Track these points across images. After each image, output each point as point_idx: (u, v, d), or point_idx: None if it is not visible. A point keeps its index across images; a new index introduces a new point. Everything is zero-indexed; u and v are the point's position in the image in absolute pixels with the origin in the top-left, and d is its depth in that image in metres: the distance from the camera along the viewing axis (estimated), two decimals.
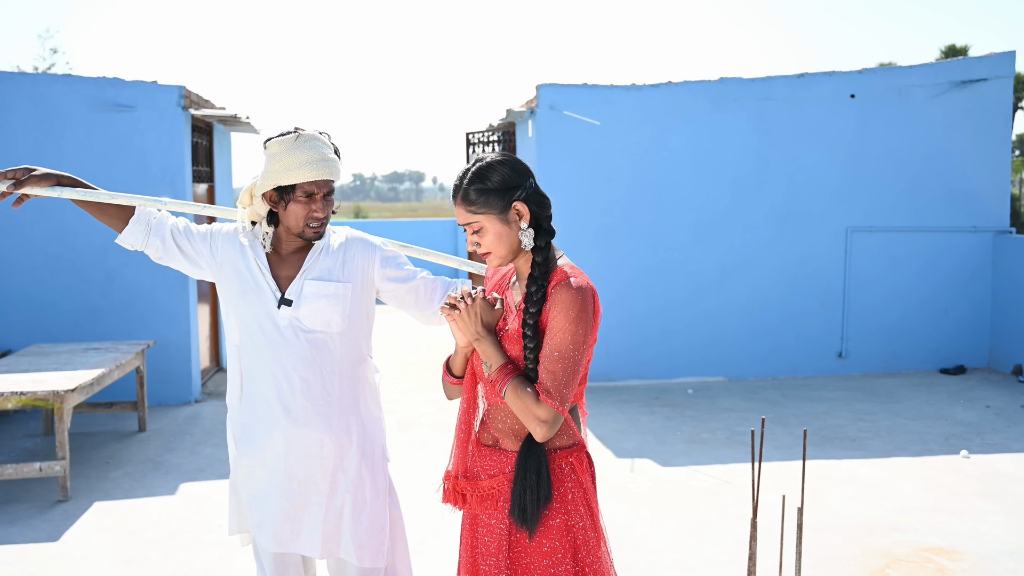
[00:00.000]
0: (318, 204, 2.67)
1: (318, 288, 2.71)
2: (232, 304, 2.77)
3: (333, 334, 2.74)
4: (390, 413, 7.23)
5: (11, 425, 7.11)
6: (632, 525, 4.87)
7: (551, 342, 2.10)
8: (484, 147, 10.05)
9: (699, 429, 6.84)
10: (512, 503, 2.15)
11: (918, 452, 6.19)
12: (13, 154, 7.49)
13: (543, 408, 2.09)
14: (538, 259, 2.17)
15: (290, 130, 2.68)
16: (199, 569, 4.40)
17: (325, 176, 2.66)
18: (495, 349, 2.18)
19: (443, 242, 17.15)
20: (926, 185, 8.76)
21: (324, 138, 2.71)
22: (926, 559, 4.39)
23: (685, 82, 8.49)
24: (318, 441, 2.73)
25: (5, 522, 5.04)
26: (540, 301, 2.13)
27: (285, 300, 2.71)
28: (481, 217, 2.19)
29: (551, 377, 2.09)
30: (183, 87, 7.64)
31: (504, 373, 2.14)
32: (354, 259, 2.80)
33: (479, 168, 2.20)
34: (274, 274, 2.76)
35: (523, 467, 2.14)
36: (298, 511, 2.75)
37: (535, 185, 2.22)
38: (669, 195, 8.47)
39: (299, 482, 2.74)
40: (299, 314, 2.70)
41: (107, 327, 7.66)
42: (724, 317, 8.62)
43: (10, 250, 7.58)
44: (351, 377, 2.79)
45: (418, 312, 2.88)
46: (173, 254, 2.80)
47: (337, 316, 2.73)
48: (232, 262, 2.77)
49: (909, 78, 8.66)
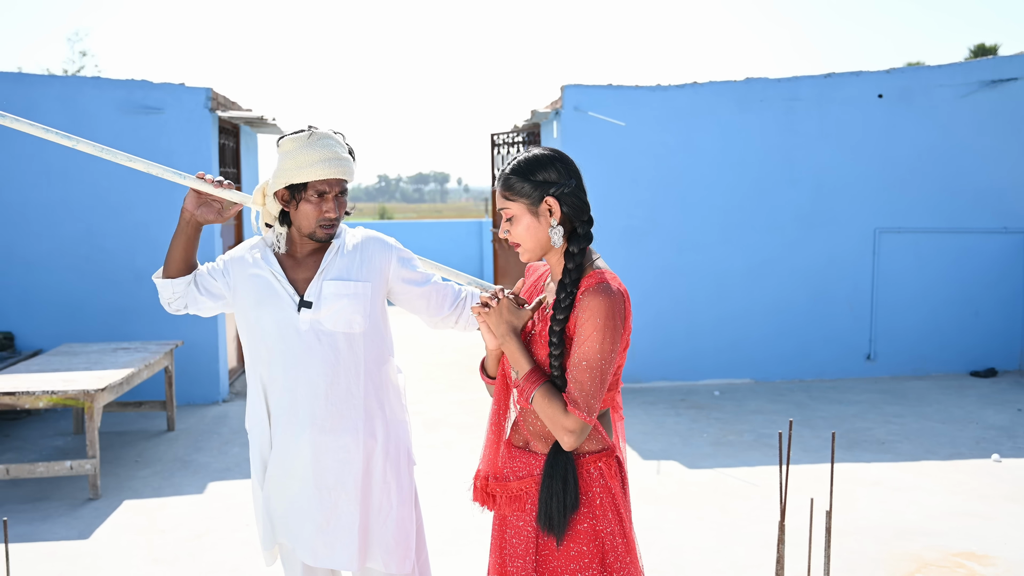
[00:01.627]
0: (330, 204, 2.62)
1: (337, 288, 2.66)
2: (250, 318, 2.71)
3: (356, 335, 2.69)
4: (416, 414, 7.25)
5: (42, 424, 7.19)
6: (658, 527, 4.85)
7: (579, 350, 2.08)
8: (509, 148, 10.05)
9: (725, 431, 6.80)
10: (539, 510, 2.14)
11: (948, 456, 6.12)
12: (43, 156, 7.59)
13: (570, 419, 2.07)
14: (569, 265, 2.15)
15: (303, 128, 2.64)
16: (227, 568, 4.43)
17: (337, 175, 2.60)
18: (520, 353, 2.17)
19: (468, 243, 17.17)
20: (955, 185, 8.67)
21: (338, 137, 2.67)
22: (957, 563, 4.34)
23: (711, 82, 8.45)
24: (345, 447, 2.69)
25: (36, 519, 5.10)
26: (568, 308, 2.11)
27: (304, 303, 2.65)
28: (513, 205, 2.19)
29: (578, 387, 2.07)
30: (210, 89, 7.70)
31: (531, 380, 2.13)
32: (372, 258, 2.76)
33: (527, 158, 2.20)
34: (290, 278, 2.71)
35: (549, 474, 2.13)
36: (331, 522, 2.70)
37: (576, 187, 2.20)
38: (694, 196, 8.43)
39: (329, 490, 2.69)
40: (320, 316, 2.65)
41: (136, 327, 7.73)
42: (750, 318, 8.57)
43: (41, 251, 7.67)
44: (375, 379, 2.75)
45: (428, 317, 2.87)
46: (199, 299, 2.73)
47: (359, 316, 2.68)
48: (244, 277, 2.72)
49: (937, 78, 8.58)
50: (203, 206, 2.64)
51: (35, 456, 6.30)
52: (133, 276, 7.72)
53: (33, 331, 7.70)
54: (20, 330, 7.69)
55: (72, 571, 4.42)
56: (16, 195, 7.61)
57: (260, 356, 2.72)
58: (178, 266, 2.69)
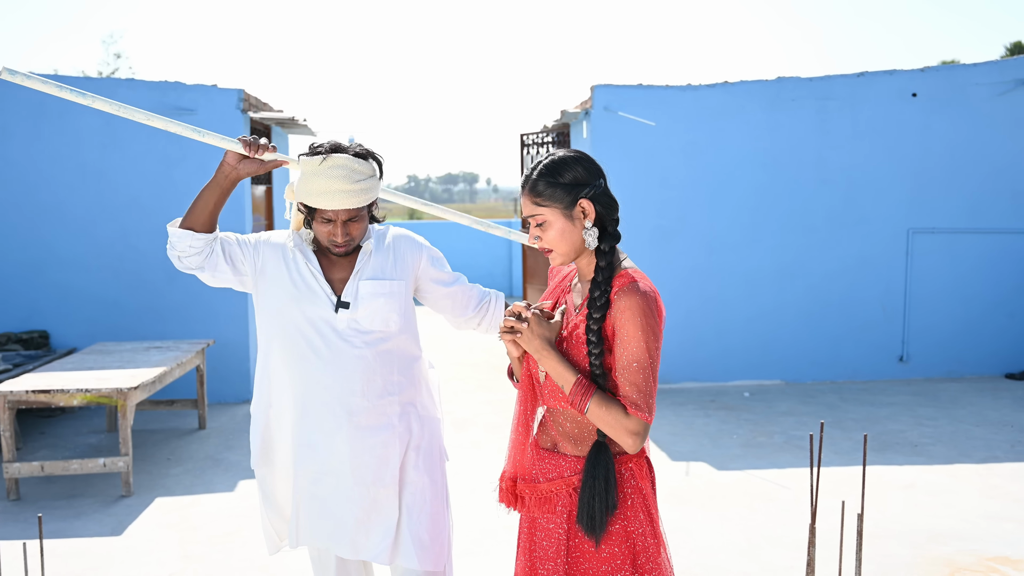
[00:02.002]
0: (337, 230, 2.64)
1: (374, 288, 2.70)
2: (280, 312, 2.71)
3: (391, 333, 2.73)
4: (444, 414, 7.25)
5: (76, 421, 7.29)
6: (687, 529, 4.82)
7: (627, 353, 2.07)
8: (539, 148, 10.04)
9: (755, 433, 6.75)
10: (580, 510, 2.13)
11: (983, 459, 6.04)
12: (79, 157, 7.70)
13: (632, 420, 2.06)
14: (602, 263, 2.14)
15: (321, 148, 2.62)
16: (257, 565, 4.46)
17: (342, 206, 2.58)
18: (563, 366, 2.14)
19: (496, 243, 17.16)
20: (990, 186, 8.55)
21: (354, 163, 2.58)
22: (991, 568, 4.28)
23: (742, 82, 8.39)
24: (383, 442, 2.72)
25: (70, 516, 5.17)
26: (604, 307, 2.10)
27: (342, 303, 2.69)
28: (546, 210, 2.17)
29: (635, 389, 2.06)
30: (242, 90, 7.76)
31: (580, 391, 2.10)
32: (404, 256, 2.80)
33: (551, 161, 2.18)
34: (326, 277, 2.74)
35: (591, 474, 2.12)
36: (371, 516, 2.73)
37: (605, 186, 2.19)
38: (725, 196, 8.38)
39: (368, 486, 2.72)
40: (357, 316, 2.69)
41: (168, 326, 7.82)
42: (781, 319, 8.51)
43: (76, 251, 7.77)
44: (409, 375, 2.79)
45: (452, 317, 2.91)
46: (218, 264, 2.67)
47: (395, 314, 2.72)
48: (280, 270, 2.73)
49: (973, 76, 8.46)
50: (245, 160, 2.58)
51: (69, 453, 6.38)
52: (166, 276, 7.80)
53: (68, 330, 7.80)
54: (55, 329, 7.80)
55: (105, 567, 4.47)
56: (53, 196, 7.72)
57: (287, 349, 2.73)
58: (203, 220, 2.59)
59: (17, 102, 7.64)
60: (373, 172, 2.65)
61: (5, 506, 5.35)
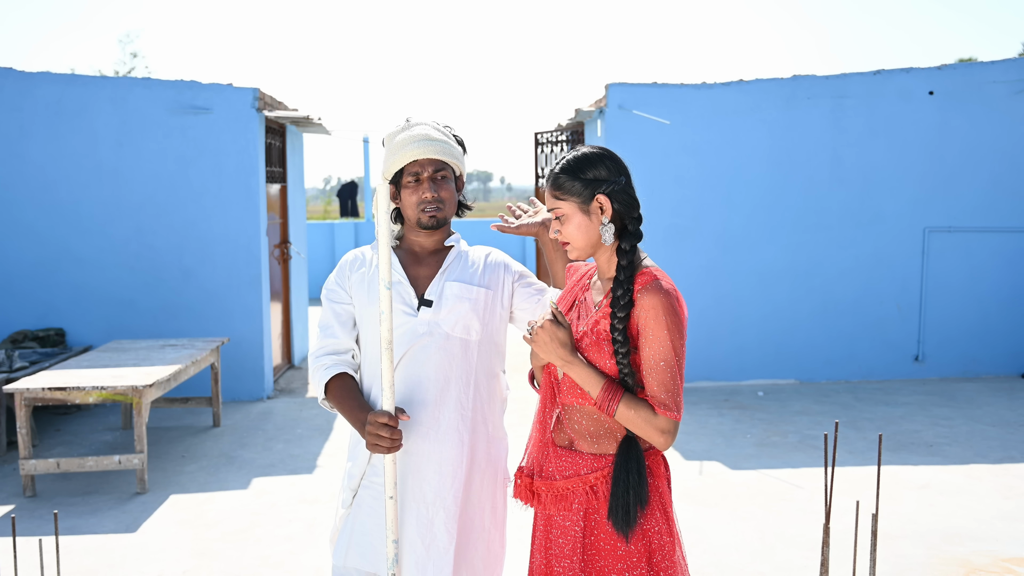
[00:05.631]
0: (425, 185, 2.51)
1: (460, 290, 2.53)
2: (363, 319, 2.59)
3: (471, 342, 2.55)
4: None
5: (92, 419, 7.33)
6: (701, 528, 4.81)
7: (652, 352, 2.07)
8: (552, 147, 10.04)
9: (769, 432, 6.73)
10: (613, 504, 2.12)
11: (999, 459, 6.00)
12: (95, 156, 7.74)
13: (662, 420, 2.07)
14: (622, 262, 2.14)
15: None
16: (271, 562, 4.48)
17: (427, 154, 2.47)
18: (587, 371, 2.12)
19: (511, 243, 17.17)
20: (1008, 184, 8.49)
21: (437, 125, 2.56)
22: (1007, 569, 4.25)
23: (757, 80, 8.36)
24: (449, 458, 2.52)
25: (86, 513, 5.20)
26: (627, 306, 2.10)
27: (425, 301, 2.53)
28: (564, 204, 2.19)
29: (663, 388, 2.06)
30: (257, 89, 7.79)
31: (608, 395, 2.09)
32: (495, 269, 2.63)
33: (575, 156, 2.20)
34: (410, 275, 2.58)
35: (624, 468, 2.12)
36: (424, 539, 2.51)
37: (625, 184, 2.20)
38: (740, 195, 8.35)
39: (427, 505, 2.51)
40: (439, 317, 2.51)
41: (183, 324, 7.85)
42: (796, 319, 8.47)
43: (92, 249, 7.81)
44: (484, 391, 2.60)
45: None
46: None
47: (477, 322, 2.54)
48: (360, 276, 2.60)
49: (990, 74, 8.41)
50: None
51: (84, 450, 6.42)
52: (181, 274, 7.84)
53: (84, 327, 7.85)
54: (71, 326, 7.85)
55: (119, 564, 4.49)
56: (69, 195, 7.76)
57: (368, 352, 2.59)
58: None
59: (35, 102, 7.69)
60: (460, 141, 2.62)
61: (21, 503, 5.39)
